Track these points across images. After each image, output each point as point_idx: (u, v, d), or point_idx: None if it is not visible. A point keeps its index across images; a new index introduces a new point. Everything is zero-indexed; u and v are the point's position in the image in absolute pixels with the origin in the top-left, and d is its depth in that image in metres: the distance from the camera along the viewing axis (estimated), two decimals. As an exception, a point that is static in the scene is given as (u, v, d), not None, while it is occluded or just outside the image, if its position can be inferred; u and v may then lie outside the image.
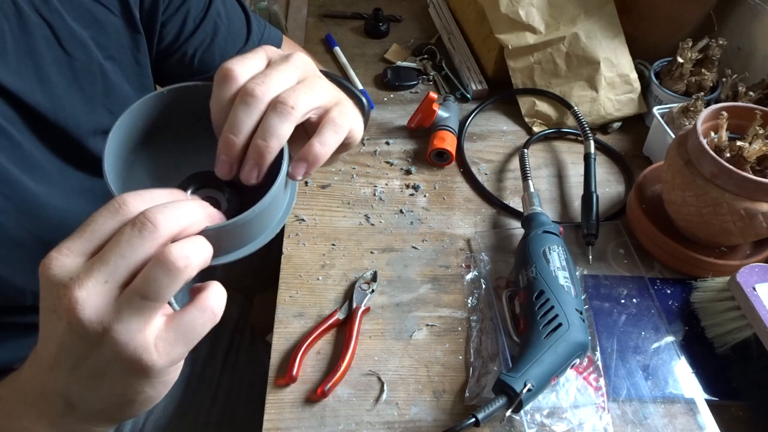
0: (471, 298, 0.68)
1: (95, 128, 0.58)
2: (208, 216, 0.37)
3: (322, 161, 0.41)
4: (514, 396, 0.52)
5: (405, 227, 0.75)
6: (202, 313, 0.36)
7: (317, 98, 0.41)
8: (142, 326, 0.33)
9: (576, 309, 0.58)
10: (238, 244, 0.40)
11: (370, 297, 0.67)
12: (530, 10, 0.87)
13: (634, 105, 0.89)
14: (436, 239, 0.74)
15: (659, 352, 0.63)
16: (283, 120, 0.38)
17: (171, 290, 0.33)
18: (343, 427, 0.57)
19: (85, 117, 0.57)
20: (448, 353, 0.63)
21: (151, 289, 0.32)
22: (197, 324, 0.35)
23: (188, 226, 0.35)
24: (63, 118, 0.54)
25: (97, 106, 0.58)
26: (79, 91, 0.56)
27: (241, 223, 0.38)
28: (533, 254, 0.63)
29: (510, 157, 0.86)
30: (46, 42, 0.52)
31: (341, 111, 0.42)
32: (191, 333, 0.35)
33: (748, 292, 0.58)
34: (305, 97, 0.40)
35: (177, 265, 0.32)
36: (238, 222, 0.38)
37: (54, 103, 0.53)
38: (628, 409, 0.59)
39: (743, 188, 0.60)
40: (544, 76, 0.90)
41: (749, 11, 0.91)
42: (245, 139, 0.39)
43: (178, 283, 0.33)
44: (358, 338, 0.63)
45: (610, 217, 0.77)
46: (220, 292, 0.37)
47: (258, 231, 0.41)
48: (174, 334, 0.35)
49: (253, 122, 0.38)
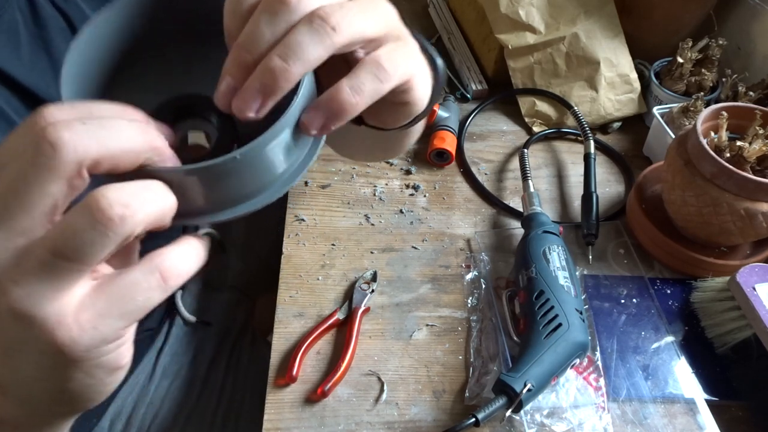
0: (471, 298, 0.68)
1: None
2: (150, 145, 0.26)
3: (348, 115, 0.30)
4: (514, 396, 0.52)
5: (405, 227, 0.75)
6: (146, 275, 0.27)
7: (372, 25, 0.30)
8: (56, 293, 0.24)
9: (576, 309, 0.58)
10: (218, 202, 0.29)
11: (370, 297, 0.67)
12: (530, 10, 0.87)
13: (634, 105, 0.89)
14: (436, 239, 0.74)
15: (659, 352, 0.63)
16: (315, 40, 0.28)
17: (100, 250, 0.24)
18: (343, 427, 0.57)
19: None
20: (448, 353, 0.63)
21: (69, 245, 0.24)
22: (139, 289, 0.26)
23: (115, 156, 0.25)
24: None
25: None
26: None
27: (214, 171, 0.28)
28: (533, 254, 0.63)
29: (510, 157, 0.86)
30: (62, 34, 0.50)
31: (396, 50, 0.31)
32: (129, 302, 0.26)
33: (748, 292, 0.58)
34: (355, 19, 0.29)
35: (108, 213, 0.24)
36: (208, 167, 0.27)
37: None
38: (628, 409, 0.59)
39: (743, 188, 0.60)
40: (544, 76, 0.90)
41: (749, 11, 0.91)
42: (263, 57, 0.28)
43: (110, 240, 0.24)
44: (358, 338, 0.63)
45: (610, 217, 0.77)
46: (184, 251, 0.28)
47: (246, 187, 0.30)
48: (105, 303, 0.26)
49: (277, 37, 0.28)
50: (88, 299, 0.26)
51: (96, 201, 0.24)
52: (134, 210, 0.24)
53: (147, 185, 0.26)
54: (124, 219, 0.24)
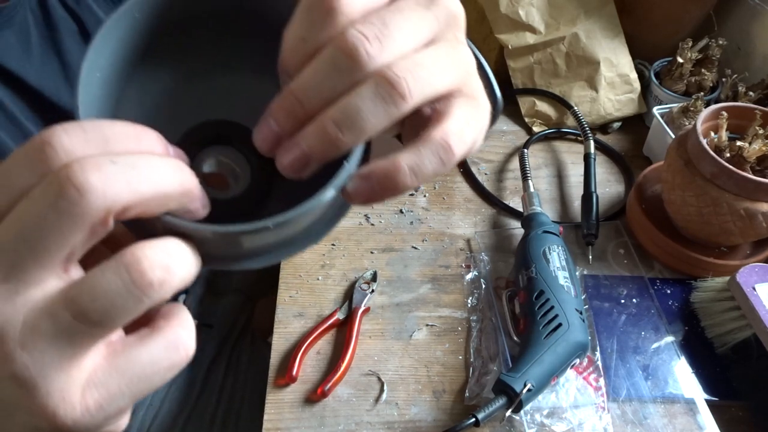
0: (471, 298, 0.68)
1: None
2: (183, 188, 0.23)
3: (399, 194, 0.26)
4: (514, 396, 0.52)
5: (405, 227, 0.75)
6: (170, 351, 0.23)
7: (448, 80, 0.26)
8: (67, 361, 0.21)
9: (576, 309, 0.58)
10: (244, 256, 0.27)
11: (370, 297, 0.67)
12: (530, 10, 0.87)
13: (634, 105, 0.89)
14: (436, 239, 0.74)
15: (659, 352, 0.63)
16: (379, 110, 0.24)
17: (129, 315, 0.21)
18: (343, 427, 0.57)
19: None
20: (448, 353, 0.63)
21: (97, 308, 0.20)
22: (159, 369, 0.23)
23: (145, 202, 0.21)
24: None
25: None
26: None
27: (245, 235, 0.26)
28: (533, 254, 0.63)
29: (510, 157, 0.86)
30: (72, 37, 0.50)
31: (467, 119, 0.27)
32: (145, 381, 0.23)
33: (748, 292, 0.58)
34: (431, 79, 0.25)
35: (148, 277, 0.21)
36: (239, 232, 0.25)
37: None
38: (628, 409, 0.59)
39: (743, 188, 0.60)
40: (544, 76, 0.90)
41: (749, 11, 0.91)
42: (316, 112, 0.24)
43: (143, 306, 0.21)
44: (358, 338, 0.63)
45: (610, 217, 0.77)
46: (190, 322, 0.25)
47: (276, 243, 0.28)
48: (118, 382, 0.22)
49: (336, 95, 0.24)
50: (100, 374, 0.22)
51: (136, 261, 0.21)
52: (173, 274, 0.22)
53: (182, 244, 0.23)
54: (163, 284, 0.21)
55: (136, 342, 0.23)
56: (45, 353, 0.20)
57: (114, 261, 0.21)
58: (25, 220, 0.20)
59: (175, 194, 0.22)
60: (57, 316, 0.20)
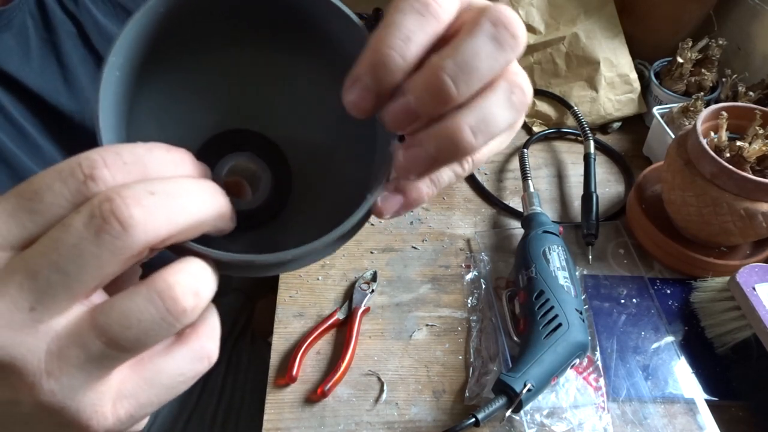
0: (471, 298, 0.68)
1: None
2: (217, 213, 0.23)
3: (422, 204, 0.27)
4: (514, 396, 0.52)
5: (405, 227, 0.75)
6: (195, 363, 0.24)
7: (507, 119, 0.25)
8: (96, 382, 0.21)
9: (576, 309, 0.58)
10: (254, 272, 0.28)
11: (370, 297, 0.67)
12: (530, 11, 0.87)
13: (634, 105, 0.89)
14: (436, 239, 0.74)
15: (659, 352, 0.63)
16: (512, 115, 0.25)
17: (160, 340, 0.21)
18: (343, 427, 0.57)
19: None
20: (448, 353, 0.63)
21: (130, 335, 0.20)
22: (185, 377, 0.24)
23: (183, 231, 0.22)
24: (90, 120, 0.52)
25: None
26: None
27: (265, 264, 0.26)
28: (533, 254, 0.63)
29: (510, 157, 0.86)
30: (72, 40, 0.50)
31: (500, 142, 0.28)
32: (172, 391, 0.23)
33: (747, 292, 0.58)
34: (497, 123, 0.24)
35: (182, 304, 0.21)
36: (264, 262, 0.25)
37: (81, 104, 0.51)
38: (627, 409, 0.59)
39: (743, 188, 0.60)
40: (544, 76, 0.90)
41: (749, 11, 0.91)
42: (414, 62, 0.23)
43: (175, 330, 0.21)
44: (358, 338, 0.63)
45: (610, 217, 0.77)
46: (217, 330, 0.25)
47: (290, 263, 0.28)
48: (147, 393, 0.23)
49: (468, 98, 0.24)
50: (129, 386, 0.22)
51: (169, 288, 0.21)
52: (202, 298, 0.22)
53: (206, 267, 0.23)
54: (194, 309, 0.21)
55: (164, 353, 0.23)
56: (73, 378, 0.20)
57: (145, 288, 0.21)
58: (62, 250, 0.20)
59: (210, 220, 0.23)
60: (87, 345, 0.20)
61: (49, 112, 0.50)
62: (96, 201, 0.20)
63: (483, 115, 0.24)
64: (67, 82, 0.51)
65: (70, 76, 0.51)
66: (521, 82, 0.25)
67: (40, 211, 0.20)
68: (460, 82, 0.23)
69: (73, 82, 0.51)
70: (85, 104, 0.52)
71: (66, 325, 0.20)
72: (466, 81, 0.23)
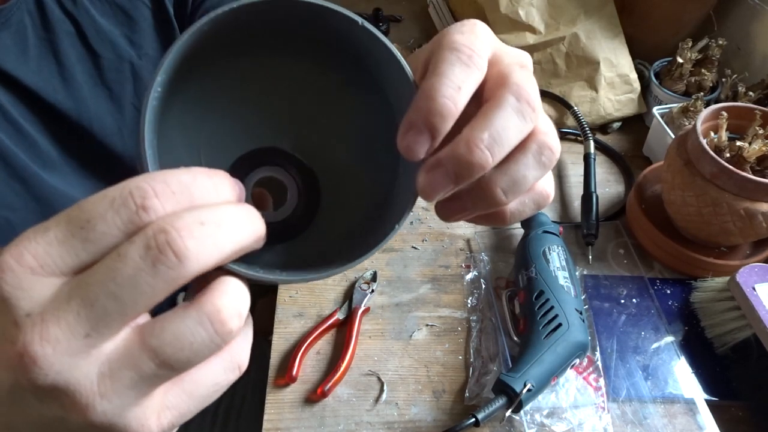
0: (471, 298, 0.68)
1: (120, 128, 0.56)
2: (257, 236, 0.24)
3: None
4: (514, 396, 0.52)
5: (405, 227, 0.75)
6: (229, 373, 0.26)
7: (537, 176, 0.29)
8: (144, 399, 0.22)
9: (576, 309, 0.58)
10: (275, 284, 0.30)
11: (370, 297, 0.67)
12: (530, 11, 0.87)
13: (634, 105, 0.89)
14: (436, 239, 0.74)
15: (659, 352, 0.63)
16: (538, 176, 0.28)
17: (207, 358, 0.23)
18: (342, 427, 0.57)
19: (111, 117, 0.54)
20: (448, 353, 0.63)
21: (181, 357, 0.22)
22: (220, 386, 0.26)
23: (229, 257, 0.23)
24: (87, 118, 0.53)
25: (125, 105, 0.56)
26: (105, 91, 0.54)
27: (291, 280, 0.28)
28: (533, 254, 0.63)
29: (510, 157, 0.86)
30: (69, 39, 0.51)
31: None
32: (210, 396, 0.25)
33: (747, 292, 0.58)
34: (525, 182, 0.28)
35: (228, 326, 0.22)
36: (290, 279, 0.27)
37: (78, 103, 0.52)
38: (627, 410, 0.59)
39: (743, 188, 0.60)
40: (544, 76, 0.90)
41: (749, 11, 0.91)
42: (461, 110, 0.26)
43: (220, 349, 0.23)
44: (358, 338, 0.63)
45: (610, 217, 0.77)
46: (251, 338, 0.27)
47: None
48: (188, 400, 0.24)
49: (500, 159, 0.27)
50: (171, 399, 0.24)
51: (217, 311, 0.22)
52: (243, 317, 0.23)
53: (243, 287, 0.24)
54: (239, 329, 0.23)
55: (202, 366, 0.24)
56: (124, 398, 0.21)
57: (195, 312, 0.22)
58: (119, 279, 0.21)
59: (250, 244, 0.24)
60: (140, 366, 0.21)
61: (46, 111, 0.51)
62: (151, 232, 0.21)
63: (514, 178, 0.27)
64: (65, 80, 0.51)
65: (67, 74, 0.51)
66: (551, 142, 0.28)
67: (93, 240, 0.21)
68: (495, 152, 0.26)
69: (71, 80, 0.51)
70: (81, 103, 0.52)
71: (116, 348, 0.21)
72: (499, 150, 0.26)
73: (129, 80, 0.55)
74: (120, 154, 0.57)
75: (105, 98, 0.54)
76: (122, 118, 0.56)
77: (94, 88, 0.53)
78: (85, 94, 0.52)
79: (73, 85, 0.51)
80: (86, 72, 0.52)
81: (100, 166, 0.57)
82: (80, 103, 0.52)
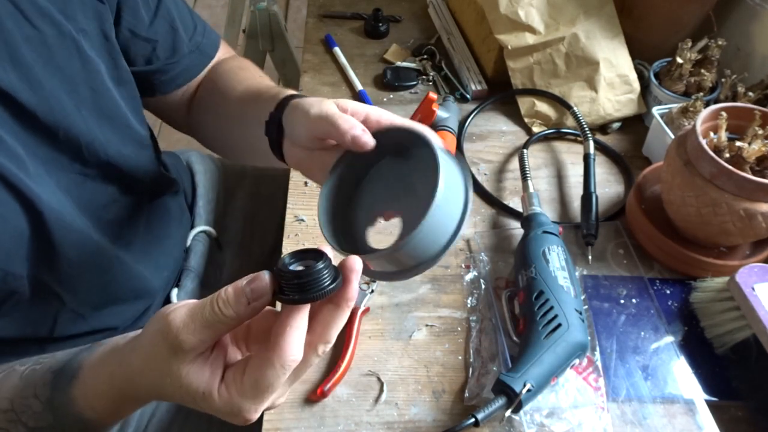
0: (470, 298, 0.68)
1: (78, 106, 0.55)
2: None
3: None
4: (514, 396, 0.52)
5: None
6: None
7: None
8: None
9: (575, 309, 0.58)
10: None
11: (370, 297, 0.67)
12: (530, 11, 0.87)
13: (634, 105, 0.89)
14: (436, 239, 0.74)
15: (658, 353, 0.63)
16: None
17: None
18: (342, 427, 0.57)
19: (67, 96, 0.53)
20: (448, 353, 0.63)
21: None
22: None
23: None
24: (43, 99, 0.51)
25: (79, 84, 0.55)
26: (57, 70, 0.52)
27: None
28: (533, 254, 0.63)
29: (509, 158, 0.86)
30: (12, 18, 0.49)
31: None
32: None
33: (747, 293, 0.58)
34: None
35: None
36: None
37: (28, 84, 0.50)
38: (627, 410, 0.59)
39: (743, 188, 0.60)
40: (544, 76, 0.90)
41: (748, 12, 0.91)
42: None
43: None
44: (358, 338, 0.63)
45: (610, 217, 0.78)
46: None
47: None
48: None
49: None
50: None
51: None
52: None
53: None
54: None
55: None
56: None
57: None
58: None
59: None
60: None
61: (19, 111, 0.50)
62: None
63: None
64: (15, 63, 0.50)
65: (17, 57, 0.50)
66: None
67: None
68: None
69: (21, 62, 0.50)
70: (32, 83, 0.51)
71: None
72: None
73: (75, 55, 0.54)
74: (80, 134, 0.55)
75: (58, 79, 0.53)
76: (78, 97, 0.55)
77: (44, 67, 0.52)
78: (37, 74, 0.51)
79: (22, 65, 0.50)
80: (35, 51, 0.51)
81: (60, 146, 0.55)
82: (31, 84, 0.51)
